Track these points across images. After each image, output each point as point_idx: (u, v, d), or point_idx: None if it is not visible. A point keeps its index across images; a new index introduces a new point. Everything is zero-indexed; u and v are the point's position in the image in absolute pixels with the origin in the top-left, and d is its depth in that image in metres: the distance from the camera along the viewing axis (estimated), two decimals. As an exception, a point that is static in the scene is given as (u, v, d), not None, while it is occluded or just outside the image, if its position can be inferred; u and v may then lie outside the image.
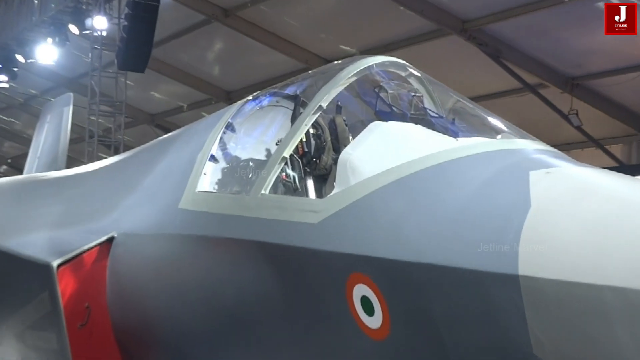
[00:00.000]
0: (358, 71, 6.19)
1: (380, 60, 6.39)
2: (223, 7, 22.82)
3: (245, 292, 5.83)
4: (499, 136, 5.71)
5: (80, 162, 20.27)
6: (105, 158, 12.89)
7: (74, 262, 7.13)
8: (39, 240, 7.74)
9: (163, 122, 30.52)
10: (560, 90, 19.89)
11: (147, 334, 6.90)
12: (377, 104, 6.09)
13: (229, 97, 25.88)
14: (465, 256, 4.39)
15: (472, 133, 5.75)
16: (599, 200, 4.32)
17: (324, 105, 6.05)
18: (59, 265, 7.06)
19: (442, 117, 6.00)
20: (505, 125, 5.89)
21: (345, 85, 6.14)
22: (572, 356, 4.03)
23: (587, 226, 4.12)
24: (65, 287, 7.07)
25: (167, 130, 24.05)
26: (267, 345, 5.78)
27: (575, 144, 21.07)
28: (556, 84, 19.86)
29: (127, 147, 21.24)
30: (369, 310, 4.87)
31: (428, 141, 5.47)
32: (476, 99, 17.30)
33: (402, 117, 5.92)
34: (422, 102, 6.16)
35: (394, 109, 6.02)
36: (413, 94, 6.21)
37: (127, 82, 25.28)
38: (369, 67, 6.28)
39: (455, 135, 5.66)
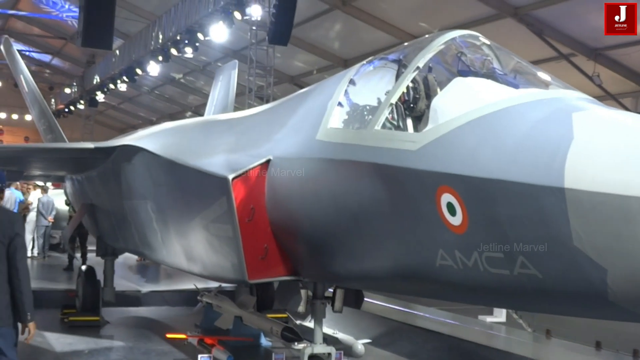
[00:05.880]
0: (445, 41, 6.07)
1: (461, 33, 6.25)
2: (346, -2, 22.76)
3: (362, 198, 5.83)
4: (548, 88, 5.55)
5: (242, 109, 20.52)
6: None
7: (243, 176, 7.25)
8: (218, 161, 7.87)
9: (299, 81, 30.39)
10: (587, 58, 19.58)
11: (293, 227, 6.99)
12: (459, 65, 5.95)
13: (346, 64, 25.72)
14: (524, 173, 4.32)
15: (528, 85, 5.58)
16: (626, 132, 4.21)
17: (421, 66, 5.96)
18: (233, 178, 7.20)
19: (506, 75, 5.82)
20: (552, 80, 5.72)
21: (436, 51, 6.02)
22: (602, 247, 3.94)
23: (617, 151, 4.01)
24: (237, 193, 7.20)
25: (303, 87, 24.15)
26: (377, 236, 5.78)
27: (596, 98, 20.49)
28: (583, 53, 19.56)
29: (275, 99, 21.42)
30: (452, 212, 4.83)
31: (496, 92, 5.34)
32: (525, 64, 17.00)
33: (476, 75, 5.76)
34: (491, 63, 5.99)
35: (471, 68, 5.86)
36: (484, 57, 6.05)
37: (275, 53, 25.36)
38: (453, 39, 6.14)
39: (516, 87, 5.51)
